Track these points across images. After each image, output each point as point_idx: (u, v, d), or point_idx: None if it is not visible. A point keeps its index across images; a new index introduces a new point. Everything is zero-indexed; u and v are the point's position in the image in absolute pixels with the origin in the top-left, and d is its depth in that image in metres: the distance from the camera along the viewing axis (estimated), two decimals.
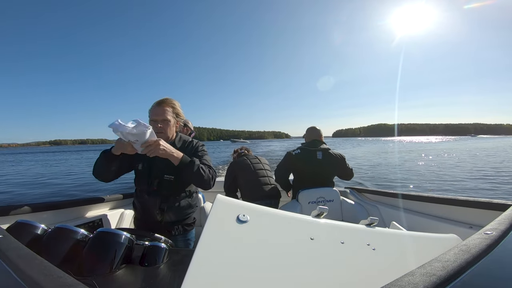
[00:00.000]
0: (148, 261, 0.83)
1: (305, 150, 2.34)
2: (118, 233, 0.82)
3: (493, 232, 0.67)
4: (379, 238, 0.73)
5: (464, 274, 0.48)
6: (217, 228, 0.59)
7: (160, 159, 1.43)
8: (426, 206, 1.67)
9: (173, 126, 1.54)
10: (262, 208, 0.71)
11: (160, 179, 1.46)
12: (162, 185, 1.46)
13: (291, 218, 0.71)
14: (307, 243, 0.62)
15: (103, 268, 0.74)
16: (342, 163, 2.33)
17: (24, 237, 0.82)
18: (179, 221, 1.52)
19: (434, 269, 0.47)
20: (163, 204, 1.46)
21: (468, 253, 0.54)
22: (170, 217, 1.48)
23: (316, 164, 2.27)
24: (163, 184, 1.46)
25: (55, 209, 1.52)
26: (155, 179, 1.46)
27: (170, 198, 1.48)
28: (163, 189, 1.46)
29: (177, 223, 1.51)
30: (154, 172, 1.47)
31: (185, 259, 0.88)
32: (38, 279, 0.47)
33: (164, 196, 1.46)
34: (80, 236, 0.82)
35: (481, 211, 1.30)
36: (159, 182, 1.46)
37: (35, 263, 0.54)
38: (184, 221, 1.54)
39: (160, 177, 1.46)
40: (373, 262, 0.64)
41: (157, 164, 1.48)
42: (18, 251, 0.60)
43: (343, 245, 0.65)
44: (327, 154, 2.29)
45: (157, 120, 1.48)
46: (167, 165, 1.45)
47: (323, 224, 0.73)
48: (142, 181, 1.49)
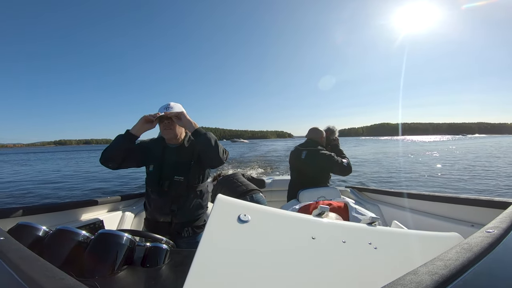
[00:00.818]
0: (150, 262, 0.83)
1: (296, 149, 2.46)
2: (119, 234, 0.82)
3: (494, 230, 0.67)
4: (381, 237, 0.73)
5: (466, 273, 0.47)
6: (218, 228, 0.59)
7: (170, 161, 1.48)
8: (427, 204, 1.66)
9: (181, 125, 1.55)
10: (263, 207, 0.71)
11: (170, 180, 1.47)
12: (172, 186, 1.47)
13: (292, 218, 0.71)
14: (308, 243, 0.62)
15: (104, 270, 0.74)
16: (329, 162, 2.24)
17: (25, 239, 0.82)
18: (189, 223, 1.52)
19: (437, 267, 0.47)
20: (174, 205, 1.47)
21: (470, 252, 0.54)
22: (180, 219, 1.49)
23: (299, 163, 2.36)
24: (173, 185, 1.47)
25: (56, 211, 1.52)
26: (165, 180, 1.47)
27: (181, 199, 1.50)
28: (173, 190, 1.48)
29: (187, 225, 1.51)
30: (164, 173, 1.49)
31: (186, 260, 0.88)
32: (40, 281, 0.47)
33: (175, 197, 1.48)
34: (81, 237, 0.82)
35: (483, 209, 1.30)
36: (170, 183, 1.47)
37: (37, 265, 0.54)
38: (195, 222, 1.54)
39: (171, 178, 1.48)
40: (375, 261, 0.63)
41: (168, 166, 1.50)
42: (20, 253, 0.60)
43: (345, 244, 0.65)
44: (312, 154, 2.30)
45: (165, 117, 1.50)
46: (177, 166, 1.49)
47: (325, 224, 0.72)
48: (153, 182, 1.51)
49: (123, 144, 1.45)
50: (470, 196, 1.39)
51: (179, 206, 1.48)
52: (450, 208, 1.50)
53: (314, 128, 2.48)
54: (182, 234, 1.49)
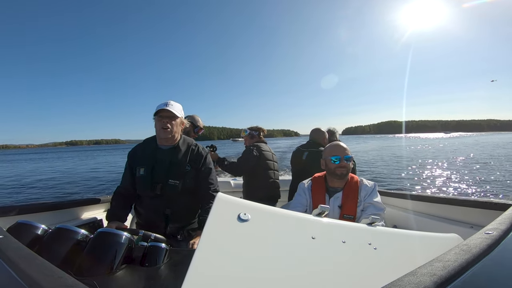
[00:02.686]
0: (149, 261, 0.83)
1: (298, 149, 2.45)
2: (119, 233, 0.82)
3: (493, 232, 0.67)
4: (381, 237, 0.73)
5: (465, 274, 0.48)
6: (218, 227, 0.58)
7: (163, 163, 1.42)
8: (427, 206, 1.66)
9: (180, 124, 1.49)
10: (264, 206, 0.70)
11: (163, 184, 1.41)
12: (165, 190, 1.41)
13: (292, 217, 0.71)
14: (308, 242, 0.62)
15: (103, 268, 0.74)
16: None
17: (24, 237, 0.81)
18: (184, 226, 1.48)
19: (435, 269, 0.47)
20: (168, 209, 1.41)
21: (469, 253, 0.54)
22: (175, 223, 1.44)
23: (301, 164, 2.35)
24: (166, 188, 1.41)
25: (55, 210, 1.52)
26: (158, 183, 1.41)
27: (175, 203, 1.43)
28: (167, 194, 1.41)
29: (181, 228, 1.47)
30: (157, 176, 1.42)
31: (185, 259, 0.88)
32: (38, 279, 0.47)
33: (168, 201, 1.42)
34: (80, 236, 0.82)
35: (482, 211, 1.30)
36: (163, 187, 1.41)
37: (35, 263, 0.54)
38: (190, 226, 1.50)
39: (164, 181, 1.41)
40: (374, 261, 0.63)
41: (160, 168, 1.43)
42: (19, 251, 0.60)
43: (345, 244, 0.65)
44: (313, 155, 2.29)
45: (163, 116, 1.43)
46: (171, 169, 1.42)
47: (325, 223, 0.72)
48: (145, 186, 1.42)
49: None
50: (469, 198, 1.39)
51: (173, 210, 1.43)
52: (450, 210, 1.50)
53: (316, 129, 2.48)
54: (178, 237, 1.45)
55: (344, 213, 1.39)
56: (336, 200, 1.43)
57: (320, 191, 1.49)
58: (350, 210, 1.39)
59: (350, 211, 1.39)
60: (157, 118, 1.45)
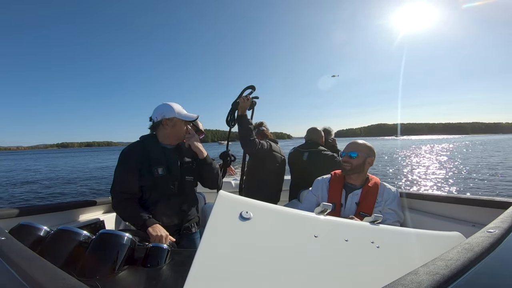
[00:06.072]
0: (151, 262, 0.83)
1: (297, 150, 2.45)
2: (120, 234, 0.82)
3: (496, 230, 0.67)
4: (383, 235, 0.73)
5: (468, 273, 0.47)
6: (219, 226, 0.58)
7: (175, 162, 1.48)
8: (429, 204, 1.66)
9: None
10: (265, 205, 0.70)
11: (179, 181, 1.47)
12: (182, 187, 1.48)
13: (294, 215, 0.71)
14: (310, 241, 0.62)
15: (106, 270, 0.74)
16: (333, 162, 2.24)
17: (27, 239, 0.82)
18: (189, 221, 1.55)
19: (438, 267, 0.47)
20: (184, 205, 1.49)
21: (471, 252, 0.54)
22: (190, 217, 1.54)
23: (302, 165, 2.35)
24: (183, 185, 1.48)
25: (57, 211, 1.52)
26: (175, 181, 1.47)
27: (189, 198, 1.54)
28: (183, 190, 1.49)
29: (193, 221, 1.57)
30: (173, 175, 1.46)
31: (187, 260, 0.88)
32: (41, 281, 0.47)
33: (184, 197, 1.50)
34: (82, 237, 0.82)
35: (484, 209, 1.30)
36: (179, 184, 1.47)
37: (38, 265, 0.54)
38: (191, 220, 1.57)
39: (180, 179, 1.47)
40: (377, 259, 0.63)
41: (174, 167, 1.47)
42: (21, 253, 0.61)
43: (347, 242, 0.65)
44: (314, 155, 2.30)
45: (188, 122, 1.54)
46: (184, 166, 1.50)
47: (327, 222, 0.72)
48: (165, 185, 1.43)
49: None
50: (471, 196, 1.39)
51: (188, 205, 1.52)
52: (451, 208, 1.50)
53: (313, 129, 2.47)
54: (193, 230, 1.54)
55: (361, 211, 1.42)
56: (354, 197, 1.47)
57: (337, 186, 1.54)
58: (367, 208, 1.42)
59: (367, 209, 1.41)
60: (183, 122, 1.50)
